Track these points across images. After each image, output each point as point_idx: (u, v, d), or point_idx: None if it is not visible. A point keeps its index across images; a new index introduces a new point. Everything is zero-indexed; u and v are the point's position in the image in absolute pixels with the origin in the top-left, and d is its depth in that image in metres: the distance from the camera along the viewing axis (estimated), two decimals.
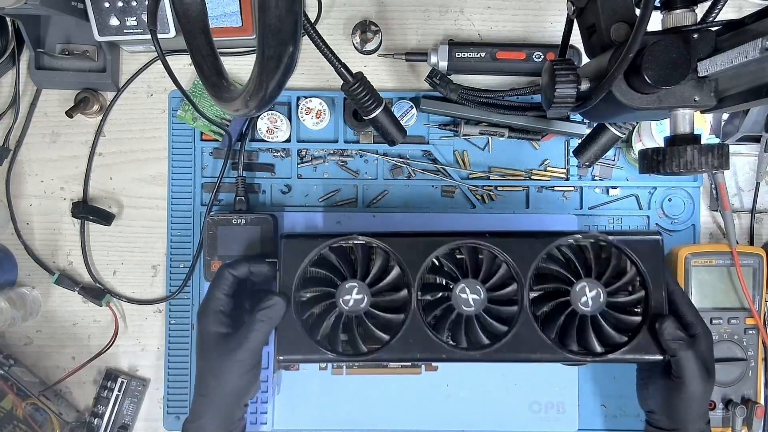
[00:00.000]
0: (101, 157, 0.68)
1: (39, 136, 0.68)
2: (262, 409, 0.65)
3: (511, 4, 0.67)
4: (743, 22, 0.37)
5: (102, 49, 0.65)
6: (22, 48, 0.66)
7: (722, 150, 0.38)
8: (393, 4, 0.67)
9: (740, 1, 0.67)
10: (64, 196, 0.68)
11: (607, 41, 0.42)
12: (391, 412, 0.65)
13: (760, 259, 0.63)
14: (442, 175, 0.67)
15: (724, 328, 0.63)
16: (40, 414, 0.63)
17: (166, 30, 0.59)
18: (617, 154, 0.67)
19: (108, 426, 0.66)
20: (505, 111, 0.63)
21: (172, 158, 0.67)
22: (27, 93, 0.67)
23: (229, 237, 0.64)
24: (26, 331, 0.68)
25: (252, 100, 0.38)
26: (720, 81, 0.39)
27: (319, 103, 0.65)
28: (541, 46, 0.63)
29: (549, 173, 0.67)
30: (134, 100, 0.68)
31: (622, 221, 0.67)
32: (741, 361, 0.63)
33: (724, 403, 0.63)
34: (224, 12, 0.61)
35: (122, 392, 0.66)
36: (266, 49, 0.34)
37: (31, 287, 0.67)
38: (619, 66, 0.37)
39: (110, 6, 0.58)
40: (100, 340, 0.67)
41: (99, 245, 0.68)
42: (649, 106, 0.40)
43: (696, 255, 0.63)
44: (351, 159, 0.67)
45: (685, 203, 0.67)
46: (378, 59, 0.67)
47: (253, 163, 0.67)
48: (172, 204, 0.67)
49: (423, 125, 0.67)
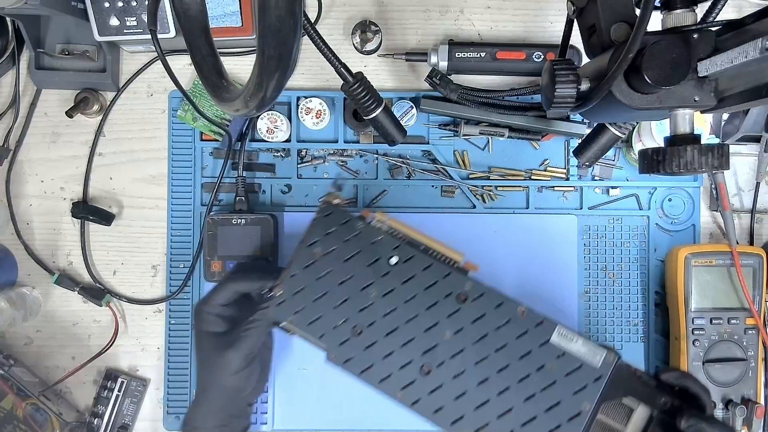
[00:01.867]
0: (101, 157, 0.68)
1: (39, 136, 0.68)
2: (263, 409, 0.65)
3: (511, 4, 0.67)
4: (743, 22, 0.37)
5: (102, 49, 0.65)
6: (22, 48, 0.66)
7: (722, 150, 0.38)
8: (393, 4, 0.67)
9: (740, 1, 0.67)
10: (64, 196, 0.68)
11: (607, 41, 0.42)
12: (391, 412, 0.65)
13: (760, 259, 0.63)
14: (442, 175, 0.67)
15: (724, 328, 0.63)
16: (40, 414, 0.63)
17: (166, 30, 0.59)
18: (617, 154, 0.67)
19: (108, 426, 0.66)
20: (505, 111, 0.63)
21: (172, 158, 0.67)
22: (27, 93, 0.67)
23: (229, 237, 0.64)
24: (26, 331, 0.68)
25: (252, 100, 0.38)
26: (720, 81, 0.39)
27: (319, 103, 0.65)
28: (541, 46, 0.63)
29: (549, 173, 0.67)
30: (134, 100, 0.68)
31: (622, 221, 0.67)
32: (741, 361, 0.63)
33: (724, 403, 0.63)
34: (224, 12, 0.61)
35: (122, 392, 0.66)
36: (266, 49, 0.34)
37: (31, 287, 0.67)
38: (619, 66, 0.37)
39: (110, 6, 0.58)
40: (100, 340, 0.67)
41: (99, 245, 0.68)
42: (649, 106, 0.40)
43: (696, 255, 0.63)
44: (351, 159, 0.67)
45: (685, 203, 0.67)
46: (378, 59, 0.67)
47: (253, 163, 0.67)
48: (172, 204, 0.67)
49: (423, 125, 0.67)
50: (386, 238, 0.52)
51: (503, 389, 0.49)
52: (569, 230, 0.66)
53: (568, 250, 0.66)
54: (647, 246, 0.67)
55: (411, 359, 0.50)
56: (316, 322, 0.51)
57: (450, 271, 0.51)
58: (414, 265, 0.51)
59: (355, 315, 0.51)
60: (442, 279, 0.51)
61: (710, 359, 0.62)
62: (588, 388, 0.48)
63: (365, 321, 0.51)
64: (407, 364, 0.50)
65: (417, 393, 0.49)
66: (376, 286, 0.51)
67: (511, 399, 0.48)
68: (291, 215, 0.66)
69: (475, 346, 0.49)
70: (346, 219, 0.53)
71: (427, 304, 0.50)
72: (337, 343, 0.51)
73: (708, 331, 0.63)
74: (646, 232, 0.67)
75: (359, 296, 0.51)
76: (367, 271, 0.51)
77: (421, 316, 0.50)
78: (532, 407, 0.48)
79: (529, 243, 0.66)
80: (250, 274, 0.57)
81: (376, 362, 0.50)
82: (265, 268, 0.59)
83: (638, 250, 0.67)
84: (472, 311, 0.50)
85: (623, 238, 0.67)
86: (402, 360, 0.50)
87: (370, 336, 0.51)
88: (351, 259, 0.52)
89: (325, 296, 0.51)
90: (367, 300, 0.51)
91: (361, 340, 0.51)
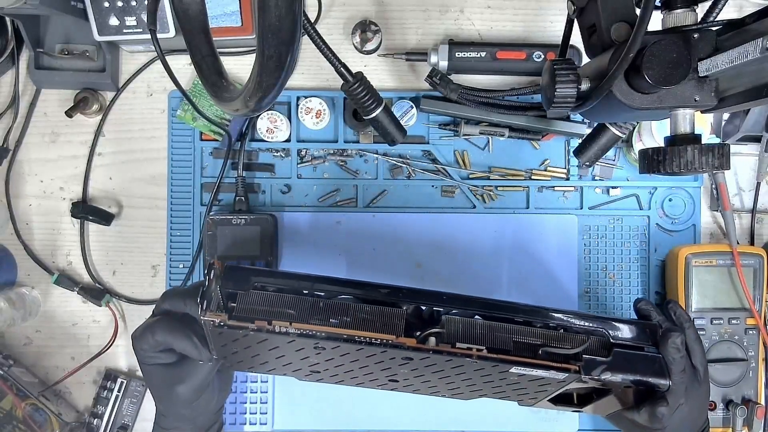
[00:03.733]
0: (101, 157, 0.68)
1: (39, 136, 0.68)
2: (263, 410, 0.65)
3: (511, 4, 0.67)
4: (744, 21, 0.37)
5: (102, 48, 0.64)
6: (21, 48, 0.66)
7: (723, 150, 0.38)
8: (393, 4, 0.67)
9: (741, 1, 0.67)
10: (63, 196, 0.68)
11: (607, 41, 0.42)
12: (391, 412, 0.65)
13: (760, 259, 0.63)
14: (442, 175, 0.67)
15: (724, 328, 0.63)
16: (39, 414, 0.63)
17: (165, 30, 0.59)
18: (617, 154, 0.67)
19: (108, 426, 0.66)
20: (505, 111, 0.63)
21: (172, 158, 0.67)
22: (26, 93, 0.67)
23: (229, 237, 0.63)
24: (26, 331, 0.68)
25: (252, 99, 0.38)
26: (720, 81, 0.39)
27: (319, 102, 0.65)
28: (541, 46, 0.63)
29: (549, 173, 0.67)
30: (134, 100, 0.68)
31: (623, 221, 0.67)
32: (741, 362, 0.63)
33: (725, 403, 0.63)
34: (224, 12, 0.61)
35: (122, 392, 0.66)
36: (266, 49, 0.34)
37: (30, 287, 0.67)
38: (620, 66, 0.37)
39: (110, 6, 0.58)
40: (99, 340, 0.67)
41: (99, 245, 0.68)
42: (649, 106, 0.40)
43: (696, 255, 0.63)
44: (351, 159, 0.67)
45: (686, 203, 0.67)
46: (378, 59, 0.67)
47: (253, 163, 0.67)
48: (172, 204, 0.67)
49: (423, 125, 0.67)
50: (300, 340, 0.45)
51: (477, 390, 0.50)
52: (569, 230, 0.66)
53: (568, 250, 0.66)
54: (647, 246, 0.67)
55: (377, 377, 0.50)
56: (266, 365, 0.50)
57: (385, 348, 0.44)
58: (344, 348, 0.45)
59: (303, 365, 0.49)
60: (380, 353, 0.45)
61: (711, 359, 0.62)
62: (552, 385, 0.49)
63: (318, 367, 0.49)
64: (374, 380, 0.50)
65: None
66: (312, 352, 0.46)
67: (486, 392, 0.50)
68: (290, 215, 0.66)
69: (435, 375, 0.48)
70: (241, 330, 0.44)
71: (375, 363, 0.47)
72: (299, 377, 0.51)
73: (708, 332, 0.63)
74: (647, 232, 0.67)
75: (301, 356, 0.47)
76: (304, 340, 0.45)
77: (371, 367, 0.48)
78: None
79: (529, 243, 0.66)
80: (174, 327, 0.47)
81: (346, 378, 0.50)
82: (184, 320, 0.48)
83: (638, 250, 0.67)
84: (425, 363, 0.46)
85: (623, 238, 0.67)
86: (369, 378, 0.50)
87: (330, 371, 0.50)
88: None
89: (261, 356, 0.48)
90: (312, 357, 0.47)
91: (320, 375, 0.50)
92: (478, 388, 0.51)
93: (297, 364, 0.50)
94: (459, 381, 0.50)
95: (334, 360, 0.48)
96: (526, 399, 0.53)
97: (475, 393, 0.53)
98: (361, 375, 0.51)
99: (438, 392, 0.54)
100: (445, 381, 0.50)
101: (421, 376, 0.50)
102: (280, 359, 0.49)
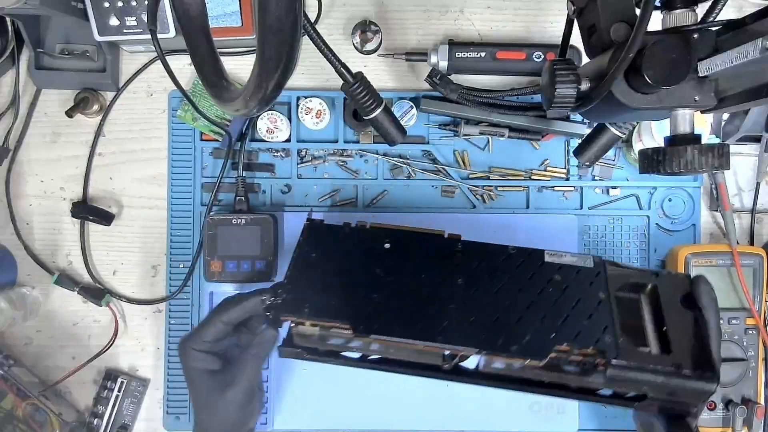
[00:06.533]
0: (101, 157, 0.68)
1: (39, 136, 0.68)
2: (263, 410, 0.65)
3: (511, 4, 0.67)
4: (743, 21, 0.37)
5: (102, 49, 0.65)
6: (21, 48, 0.66)
7: (722, 150, 0.38)
8: (393, 4, 0.67)
9: (740, 1, 0.67)
10: (64, 196, 0.68)
11: (607, 41, 0.42)
12: (391, 412, 0.65)
13: (760, 259, 0.63)
14: (442, 175, 0.67)
15: (724, 328, 0.63)
16: (40, 414, 0.63)
17: (166, 30, 0.59)
18: (617, 154, 0.67)
19: (108, 426, 0.66)
20: (505, 111, 0.63)
21: (172, 158, 0.67)
22: (27, 93, 0.67)
23: (229, 237, 0.64)
24: (26, 331, 0.68)
25: (252, 100, 0.38)
26: (720, 81, 0.39)
27: (319, 103, 0.65)
28: (541, 46, 0.63)
29: (549, 173, 0.67)
30: (134, 100, 0.68)
31: (622, 221, 0.67)
32: (741, 362, 0.63)
33: (725, 403, 0.63)
34: (224, 12, 0.61)
35: (122, 392, 0.66)
36: (266, 49, 0.34)
37: (30, 287, 0.67)
38: (619, 66, 0.37)
39: (110, 6, 0.58)
40: (100, 340, 0.67)
41: (99, 245, 0.68)
42: (649, 106, 0.40)
43: (696, 255, 0.63)
44: (351, 159, 0.67)
45: (686, 203, 0.67)
46: (378, 59, 0.67)
47: (253, 163, 0.67)
48: (172, 204, 0.67)
49: (423, 125, 0.67)
50: (373, 231, 0.57)
51: (529, 304, 0.51)
52: (569, 230, 0.66)
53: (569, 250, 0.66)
54: (647, 246, 0.67)
55: (436, 308, 0.52)
56: (328, 308, 0.50)
57: (440, 239, 0.56)
58: (407, 243, 0.56)
59: (367, 292, 0.52)
60: (435, 247, 0.55)
61: None
62: (595, 283, 0.53)
63: (380, 293, 0.52)
64: (435, 311, 0.51)
65: (454, 329, 0.50)
66: (378, 266, 0.54)
67: (538, 310, 0.51)
68: (291, 215, 0.66)
69: (488, 282, 0.53)
70: (331, 228, 0.57)
71: (430, 268, 0.54)
72: (361, 315, 0.50)
73: None
74: (646, 232, 0.67)
75: (365, 277, 0.53)
76: (366, 259, 0.54)
77: (428, 277, 0.53)
78: (559, 311, 0.51)
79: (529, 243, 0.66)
80: (235, 301, 0.52)
81: (404, 319, 0.51)
82: (249, 294, 0.53)
83: (638, 250, 0.67)
84: (472, 261, 0.54)
85: (623, 238, 0.67)
86: (429, 311, 0.51)
87: (390, 302, 0.52)
88: (347, 254, 0.55)
89: (331, 286, 0.52)
90: (374, 279, 0.53)
91: (382, 307, 0.51)
92: (529, 291, 0.53)
93: (362, 299, 0.53)
94: (507, 284, 0.53)
95: (399, 284, 0.54)
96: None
97: (526, 297, 0.53)
98: (421, 296, 0.53)
99: (496, 310, 0.53)
100: (496, 288, 0.53)
101: (476, 290, 0.53)
102: (348, 291, 0.53)
